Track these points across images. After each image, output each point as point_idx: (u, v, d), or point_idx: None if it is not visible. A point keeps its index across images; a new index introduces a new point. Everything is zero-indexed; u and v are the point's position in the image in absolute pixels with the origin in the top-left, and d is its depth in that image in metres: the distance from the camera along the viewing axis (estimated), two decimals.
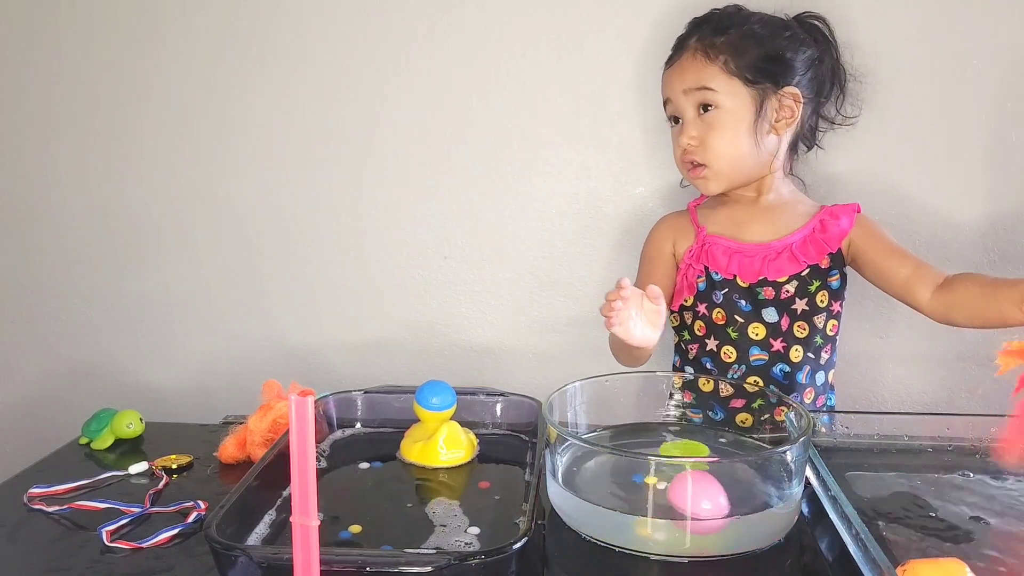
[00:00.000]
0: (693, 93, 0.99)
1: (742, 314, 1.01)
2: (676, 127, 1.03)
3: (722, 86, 0.98)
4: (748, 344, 1.02)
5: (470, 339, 1.24)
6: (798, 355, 1.02)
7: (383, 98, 1.17)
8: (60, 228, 1.25)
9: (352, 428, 1.00)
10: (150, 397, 1.26)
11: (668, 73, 1.04)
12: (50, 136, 1.22)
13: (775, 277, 1.00)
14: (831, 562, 0.73)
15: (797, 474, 0.76)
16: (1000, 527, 0.76)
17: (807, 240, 1.01)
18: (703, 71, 0.99)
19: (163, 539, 0.75)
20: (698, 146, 1.00)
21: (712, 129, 0.99)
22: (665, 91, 1.04)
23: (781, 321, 1.01)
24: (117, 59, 1.19)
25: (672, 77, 1.03)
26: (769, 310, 1.01)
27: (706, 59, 0.99)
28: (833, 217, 1.02)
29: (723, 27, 1.00)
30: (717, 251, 1.02)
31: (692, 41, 1.01)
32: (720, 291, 1.02)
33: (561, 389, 0.87)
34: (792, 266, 1.01)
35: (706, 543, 0.71)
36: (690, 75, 1.00)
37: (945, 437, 0.93)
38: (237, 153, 1.20)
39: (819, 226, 1.02)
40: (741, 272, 1.01)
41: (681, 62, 1.02)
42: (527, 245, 1.21)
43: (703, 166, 1.01)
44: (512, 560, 0.65)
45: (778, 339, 1.02)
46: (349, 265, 1.23)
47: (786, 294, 1.01)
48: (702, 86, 0.99)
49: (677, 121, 1.03)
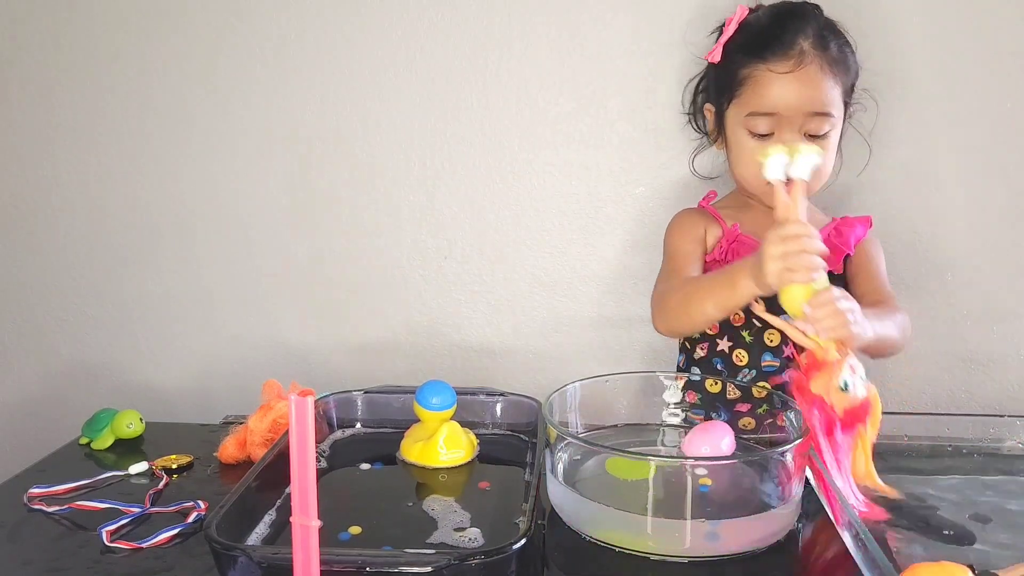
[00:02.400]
0: (815, 118, 0.92)
1: (759, 318, 1.00)
2: (763, 140, 0.94)
3: (838, 112, 0.94)
4: (762, 349, 1.01)
5: (470, 339, 1.24)
6: None
7: (383, 98, 1.17)
8: (60, 228, 1.25)
9: (352, 428, 1.00)
10: (150, 397, 1.26)
11: (784, 82, 0.91)
12: (51, 136, 1.22)
13: None
14: (831, 562, 0.73)
15: (797, 474, 0.76)
16: (1000, 527, 0.76)
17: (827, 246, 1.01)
18: (829, 94, 0.92)
19: (163, 539, 0.75)
20: None
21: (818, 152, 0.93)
22: (770, 101, 0.92)
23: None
24: (118, 60, 1.19)
25: (792, 89, 0.91)
26: (786, 316, 1.01)
27: (829, 77, 0.92)
28: (848, 226, 1.03)
29: (826, 36, 0.93)
30: (747, 251, 0.99)
31: (806, 45, 0.92)
32: None
33: (561, 389, 0.87)
34: None
35: (706, 543, 0.71)
36: (819, 98, 0.92)
37: (945, 437, 0.93)
38: (237, 153, 1.20)
39: (834, 232, 1.02)
40: None
41: (805, 74, 0.91)
42: (527, 245, 1.21)
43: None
44: (512, 560, 0.65)
45: (789, 345, 1.01)
46: (349, 265, 1.23)
47: None
48: (827, 112, 0.92)
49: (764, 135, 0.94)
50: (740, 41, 0.97)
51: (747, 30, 0.98)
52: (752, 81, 0.95)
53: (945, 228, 1.15)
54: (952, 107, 1.11)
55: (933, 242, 1.15)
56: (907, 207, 1.14)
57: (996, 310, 1.17)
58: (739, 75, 0.96)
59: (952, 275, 1.17)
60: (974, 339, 1.18)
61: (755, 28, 0.97)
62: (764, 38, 0.95)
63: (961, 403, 1.19)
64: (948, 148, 1.12)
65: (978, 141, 1.12)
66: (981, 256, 1.15)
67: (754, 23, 0.98)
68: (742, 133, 0.97)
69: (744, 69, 0.95)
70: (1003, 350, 1.18)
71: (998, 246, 1.15)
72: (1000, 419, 0.95)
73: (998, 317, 1.17)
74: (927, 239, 1.15)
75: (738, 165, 1.00)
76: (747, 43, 0.96)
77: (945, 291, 1.17)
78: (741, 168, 0.99)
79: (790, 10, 0.96)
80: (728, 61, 0.98)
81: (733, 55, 0.97)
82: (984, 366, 1.19)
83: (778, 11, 0.97)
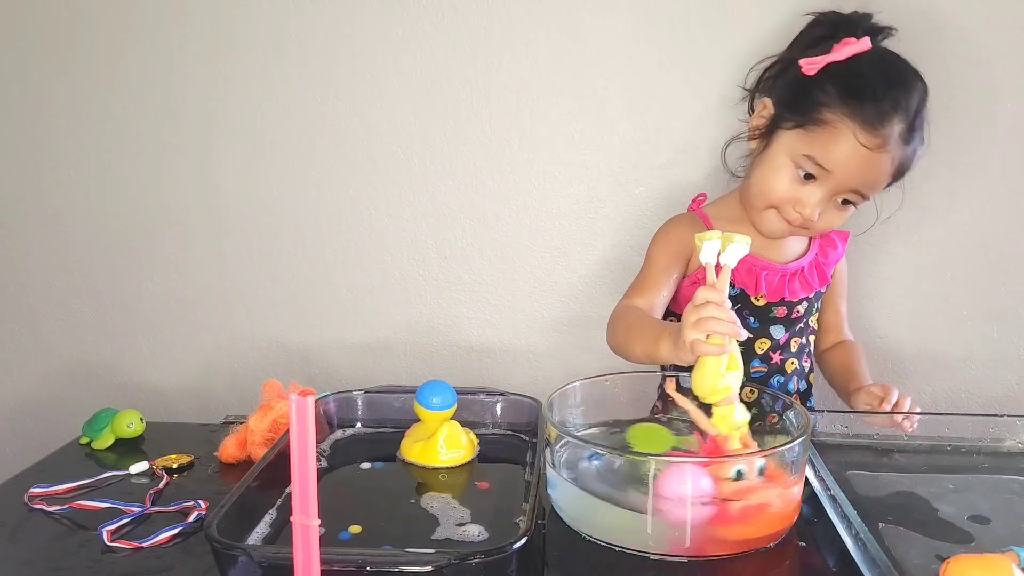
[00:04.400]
0: (856, 195, 0.93)
1: (750, 330, 1.01)
2: (801, 184, 0.93)
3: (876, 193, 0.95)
4: (751, 357, 1.02)
5: (470, 339, 1.24)
6: (792, 366, 1.05)
7: (383, 97, 1.17)
8: (61, 228, 1.25)
9: (352, 428, 1.00)
10: (150, 397, 1.26)
11: (858, 155, 0.89)
12: (50, 136, 1.22)
13: (792, 298, 1.01)
14: (831, 562, 0.73)
15: (797, 474, 0.76)
16: (1000, 527, 0.76)
17: (813, 264, 1.03)
18: (883, 182, 0.93)
19: (163, 539, 0.76)
20: (817, 221, 0.94)
21: (841, 218, 0.96)
22: (835, 161, 0.90)
23: (783, 337, 1.02)
24: (118, 61, 1.18)
25: (859, 166, 0.90)
26: (777, 327, 1.02)
27: (892, 173, 0.92)
28: (830, 243, 1.05)
29: (914, 129, 0.91)
30: (741, 267, 0.97)
31: (895, 132, 0.89)
32: (732, 306, 1.00)
33: (561, 389, 0.87)
34: (804, 289, 1.02)
35: (706, 543, 0.72)
36: (873, 184, 0.92)
37: (945, 437, 0.93)
38: (237, 153, 1.20)
39: (819, 250, 1.04)
40: (768, 291, 1.00)
41: (878, 159, 0.90)
42: (527, 245, 1.21)
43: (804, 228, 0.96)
44: (512, 560, 0.65)
45: (777, 352, 1.03)
46: (349, 265, 1.23)
47: (797, 314, 1.03)
48: (870, 196, 0.94)
49: (808, 177, 0.92)
50: (841, 79, 0.90)
51: (855, 72, 0.90)
52: (831, 131, 0.90)
53: (945, 228, 1.15)
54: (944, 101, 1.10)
55: (933, 242, 1.15)
56: (907, 206, 1.13)
57: (996, 310, 1.17)
58: (821, 113, 0.90)
59: (952, 275, 1.17)
60: (974, 339, 1.18)
61: (863, 78, 0.90)
62: (866, 97, 0.89)
63: (961, 403, 1.20)
64: (944, 145, 1.12)
65: (975, 138, 1.12)
66: (981, 256, 1.15)
67: (865, 70, 0.90)
68: (787, 161, 0.93)
69: (830, 112, 0.90)
70: (1003, 350, 1.18)
71: (998, 245, 1.15)
72: (1000, 419, 0.95)
73: (998, 317, 1.17)
74: (927, 239, 1.15)
75: (760, 180, 0.96)
76: (847, 88, 0.89)
77: (945, 291, 1.17)
78: (763, 185, 0.96)
79: (903, 79, 0.91)
80: (817, 86, 0.91)
81: (825, 84, 0.91)
82: (984, 366, 1.19)
83: (891, 75, 0.91)
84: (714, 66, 1.12)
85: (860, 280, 1.16)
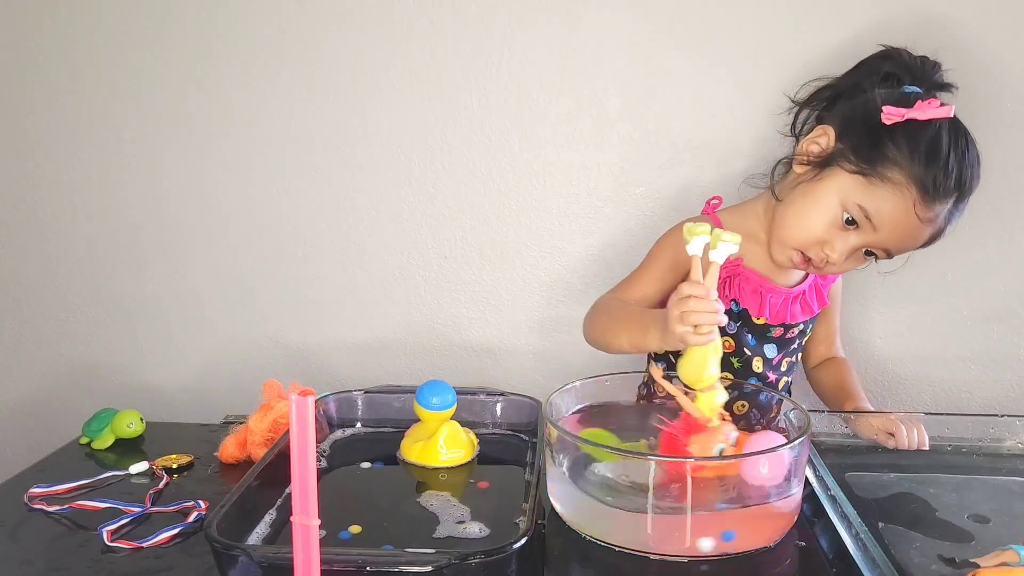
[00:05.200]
0: (884, 251, 0.92)
1: (748, 347, 1.01)
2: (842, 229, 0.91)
3: None
4: (748, 375, 1.02)
5: (470, 339, 1.24)
6: (781, 384, 1.06)
7: (383, 98, 1.17)
8: (61, 229, 1.24)
9: (352, 428, 1.00)
10: (150, 397, 1.26)
11: (907, 219, 0.87)
12: (50, 135, 1.22)
13: (792, 321, 1.01)
14: (831, 562, 0.73)
15: (797, 474, 0.76)
16: (1000, 527, 0.76)
17: (812, 288, 1.03)
18: (914, 247, 0.92)
19: (163, 539, 0.76)
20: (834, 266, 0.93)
21: (855, 265, 0.95)
22: (884, 218, 0.88)
23: (776, 357, 1.03)
24: (119, 61, 1.19)
25: (903, 229, 0.89)
26: (771, 346, 1.02)
27: (928, 238, 0.91)
28: None
29: (959, 207, 0.90)
30: (748, 287, 0.99)
31: (944, 209, 0.88)
32: (735, 323, 1.00)
33: (561, 389, 0.87)
34: (804, 313, 1.02)
35: (706, 543, 0.72)
36: (907, 247, 0.92)
37: (945, 437, 0.93)
38: (237, 153, 1.20)
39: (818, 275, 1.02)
40: (771, 314, 0.99)
41: (921, 228, 0.89)
42: (527, 245, 1.21)
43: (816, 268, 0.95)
44: (512, 560, 0.65)
45: (771, 371, 1.03)
46: (349, 265, 1.23)
47: (791, 335, 1.03)
48: (895, 254, 0.93)
49: (850, 223, 0.90)
50: (920, 139, 0.87)
51: (933, 138, 0.88)
52: (890, 188, 0.87)
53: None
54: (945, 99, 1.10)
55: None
56: None
57: (996, 310, 1.17)
58: (888, 168, 0.87)
59: (952, 275, 1.17)
60: (974, 339, 1.18)
61: (939, 148, 0.87)
62: (938, 169, 0.87)
63: (961, 403, 1.19)
64: None
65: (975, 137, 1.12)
66: (981, 256, 1.15)
67: (943, 140, 0.88)
68: (836, 203, 0.90)
69: (898, 171, 0.87)
70: (1003, 350, 1.18)
71: (998, 245, 1.15)
72: (1000, 419, 0.95)
73: (998, 317, 1.17)
74: None
75: (801, 218, 0.92)
76: (923, 152, 0.87)
77: (945, 291, 1.17)
78: (803, 219, 0.92)
79: (970, 159, 0.89)
80: (891, 139, 0.88)
81: (899, 139, 0.88)
82: (984, 366, 1.19)
83: (964, 151, 0.89)
84: (714, 66, 1.12)
85: (860, 281, 1.15)
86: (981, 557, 0.69)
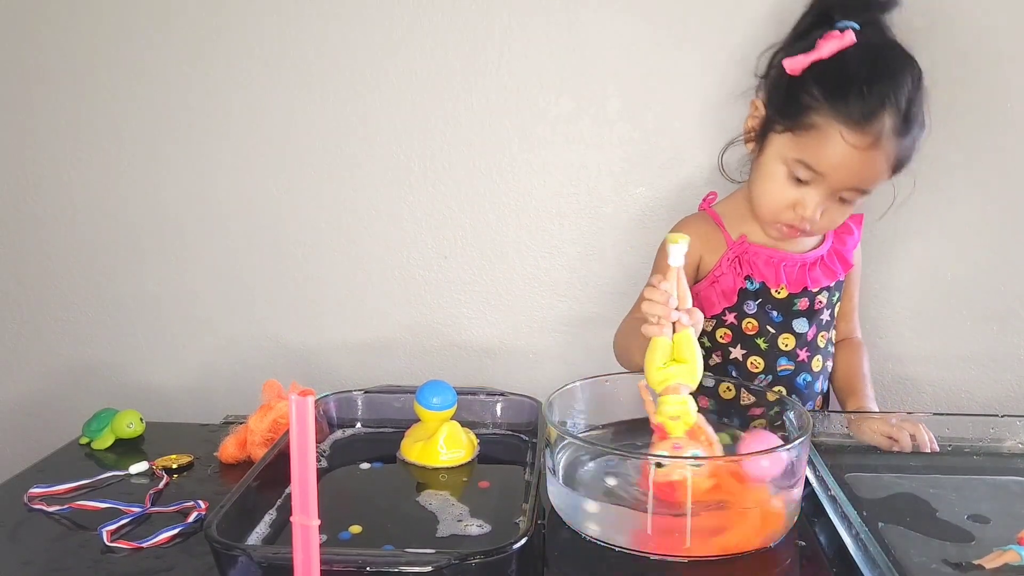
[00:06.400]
0: (855, 191, 0.90)
1: (774, 324, 0.99)
2: (798, 187, 0.91)
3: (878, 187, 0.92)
4: (777, 354, 1.00)
5: (470, 339, 1.24)
6: (819, 364, 1.03)
7: (383, 97, 1.17)
8: (61, 229, 1.24)
9: (352, 428, 1.00)
10: (150, 397, 1.26)
11: (849, 155, 0.86)
12: (50, 135, 1.22)
13: (814, 287, 0.99)
14: (831, 562, 0.73)
15: (797, 474, 0.76)
16: (1000, 527, 0.76)
17: (832, 252, 1.02)
18: (881, 177, 0.90)
19: (163, 539, 0.75)
20: (819, 220, 0.92)
21: (844, 214, 0.94)
22: (826, 163, 0.87)
23: (809, 331, 1.01)
24: (118, 61, 1.19)
25: (852, 165, 0.87)
26: (800, 320, 1.00)
27: (890, 167, 0.89)
28: (845, 229, 1.02)
29: (909, 120, 0.87)
30: (759, 260, 0.98)
31: (887, 127, 0.85)
32: (754, 301, 0.99)
33: (561, 389, 0.87)
34: (826, 277, 1.00)
35: (706, 543, 0.71)
36: (870, 180, 0.89)
37: (945, 437, 0.93)
38: (236, 153, 1.20)
39: (836, 238, 1.02)
40: (789, 281, 0.98)
41: (871, 157, 0.86)
42: (527, 245, 1.21)
43: (807, 231, 0.94)
44: (512, 560, 0.65)
45: (803, 349, 1.01)
46: (349, 265, 1.23)
47: (819, 304, 1.00)
48: (870, 191, 0.91)
49: (801, 180, 0.90)
50: (827, 76, 0.87)
51: (839, 69, 0.87)
52: (818, 133, 0.87)
53: (945, 228, 1.15)
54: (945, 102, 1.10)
55: (933, 242, 1.15)
56: (906, 208, 1.13)
57: (996, 310, 1.17)
58: (809, 116, 0.87)
59: (952, 274, 1.17)
60: (974, 339, 1.18)
61: (847, 74, 0.86)
62: (851, 95, 0.85)
63: (961, 403, 1.19)
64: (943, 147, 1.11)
65: (975, 139, 1.12)
66: (981, 256, 1.15)
67: (850, 66, 0.87)
68: (780, 167, 0.92)
69: (816, 115, 0.87)
70: (1003, 350, 1.18)
71: (998, 245, 1.15)
72: (1000, 419, 0.95)
73: (998, 317, 1.17)
74: (926, 240, 1.15)
75: (758, 190, 0.95)
76: (832, 86, 0.86)
77: (945, 291, 1.17)
78: (760, 195, 0.95)
79: (889, 71, 0.87)
80: (802, 88, 0.88)
81: (810, 85, 0.88)
82: (984, 366, 1.19)
83: (877, 68, 0.87)
84: (715, 65, 1.12)
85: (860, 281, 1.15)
86: (982, 558, 0.69)
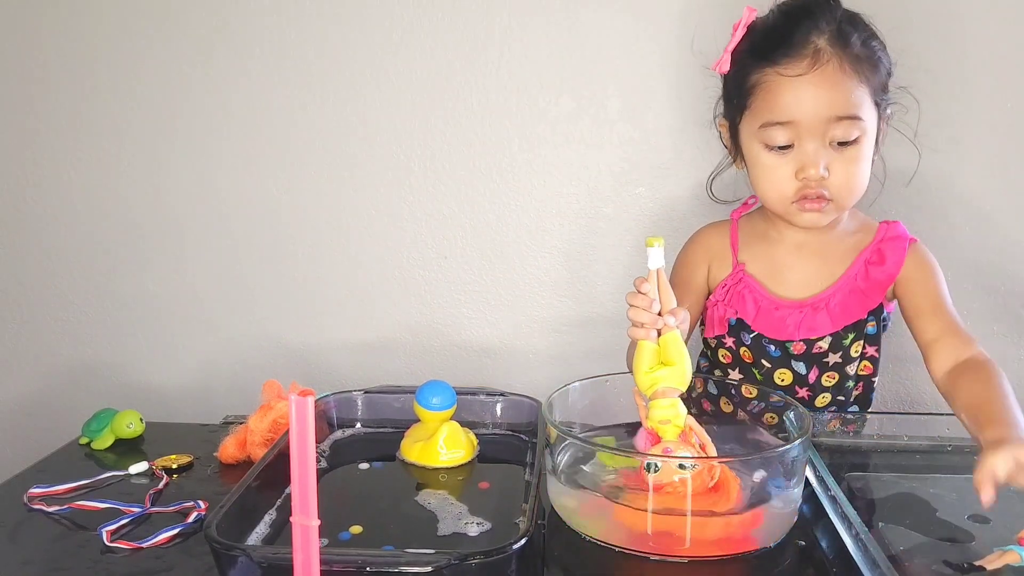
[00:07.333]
0: (840, 123, 0.84)
1: (770, 359, 0.97)
2: (782, 153, 0.87)
3: (868, 114, 0.85)
4: (774, 386, 0.96)
5: (470, 339, 1.24)
6: (824, 401, 0.98)
7: (383, 97, 1.17)
8: (60, 228, 1.24)
9: (352, 428, 1.00)
10: (150, 397, 1.26)
11: (798, 85, 0.83)
12: (50, 135, 1.22)
13: (807, 336, 0.94)
14: (831, 562, 0.73)
15: (797, 474, 0.76)
16: (1000, 527, 0.76)
17: (851, 293, 0.94)
18: (854, 94, 0.83)
19: (163, 539, 0.75)
20: (830, 178, 0.86)
21: (853, 163, 0.86)
22: (784, 108, 0.84)
23: (810, 374, 0.97)
24: (118, 61, 1.19)
25: (808, 94, 0.83)
26: (799, 363, 0.96)
27: (852, 77, 0.83)
28: (876, 259, 0.94)
29: (846, 30, 0.84)
30: (748, 299, 0.95)
31: (821, 42, 0.83)
32: (748, 334, 0.97)
33: (561, 389, 0.87)
34: (827, 326, 0.94)
35: (706, 543, 0.71)
36: (840, 100, 0.83)
37: (945, 437, 0.93)
38: (236, 153, 1.20)
39: (863, 272, 0.94)
40: (770, 330, 0.95)
41: (822, 75, 0.82)
42: (527, 245, 1.21)
43: (828, 200, 0.88)
44: (512, 560, 0.65)
45: (804, 388, 0.97)
46: (349, 265, 1.23)
47: (818, 350, 0.95)
48: (853, 115, 0.84)
49: (784, 146, 0.86)
50: (748, 45, 0.89)
51: (755, 33, 0.89)
52: (762, 88, 0.86)
53: (945, 228, 1.15)
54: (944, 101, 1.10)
55: (933, 242, 1.15)
56: (905, 207, 1.13)
57: (996, 310, 1.17)
58: (748, 83, 0.87)
59: (953, 275, 1.16)
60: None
61: (763, 30, 0.88)
62: (772, 39, 0.86)
63: None
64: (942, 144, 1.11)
65: (974, 137, 1.12)
66: (981, 256, 1.15)
67: (762, 25, 0.89)
68: (758, 147, 0.89)
69: (753, 75, 0.87)
70: (1003, 350, 1.18)
71: (998, 245, 1.15)
72: None
73: (998, 317, 1.17)
74: (926, 239, 1.15)
75: (758, 184, 0.92)
76: (755, 46, 0.88)
77: None
78: (762, 186, 0.91)
79: (802, 5, 0.86)
80: (736, 69, 0.90)
81: (741, 62, 0.89)
82: None
83: (788, 9, 0.88)
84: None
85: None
86: (982, 558, 0.69)
